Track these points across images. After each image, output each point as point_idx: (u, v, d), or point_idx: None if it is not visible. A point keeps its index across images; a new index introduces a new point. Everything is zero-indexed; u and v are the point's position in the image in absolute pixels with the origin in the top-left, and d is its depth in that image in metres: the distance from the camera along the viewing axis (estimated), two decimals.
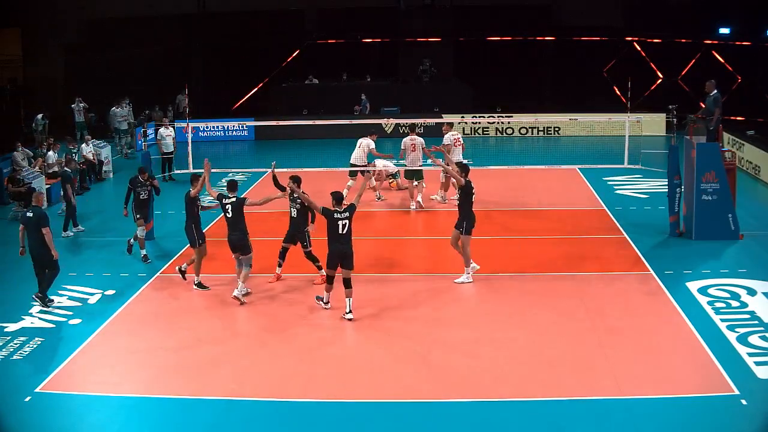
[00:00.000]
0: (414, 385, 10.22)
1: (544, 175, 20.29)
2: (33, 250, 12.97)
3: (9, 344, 11.67)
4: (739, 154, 22.34)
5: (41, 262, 12.97)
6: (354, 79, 33.20)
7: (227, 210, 13.14)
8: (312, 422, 9.46)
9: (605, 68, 32.56)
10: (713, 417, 9.29)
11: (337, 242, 12.19)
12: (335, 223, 12.15)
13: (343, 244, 12.19)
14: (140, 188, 15.64)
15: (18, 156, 20.80)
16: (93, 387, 10.37)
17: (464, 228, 13.60)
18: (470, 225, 13.63)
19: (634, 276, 14.01)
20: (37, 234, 12.85)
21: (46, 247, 12.86)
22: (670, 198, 16.20)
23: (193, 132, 25.29)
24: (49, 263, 12.95)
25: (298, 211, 13.61)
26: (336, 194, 12.37)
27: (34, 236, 12.90)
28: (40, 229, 12.82)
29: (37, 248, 12.91)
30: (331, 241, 12.25)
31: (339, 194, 12.41)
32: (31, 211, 13.04)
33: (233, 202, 13.11)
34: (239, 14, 34.11)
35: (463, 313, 12.54)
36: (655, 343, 11.24)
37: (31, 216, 12.94)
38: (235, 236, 13.10)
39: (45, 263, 12.94)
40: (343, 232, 12.18)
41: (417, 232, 17.80)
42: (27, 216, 13.00)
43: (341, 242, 12.19)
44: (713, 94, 16.41)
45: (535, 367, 10.59)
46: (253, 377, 10.51)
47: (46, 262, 12.93)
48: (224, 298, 13.34)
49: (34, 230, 12.87)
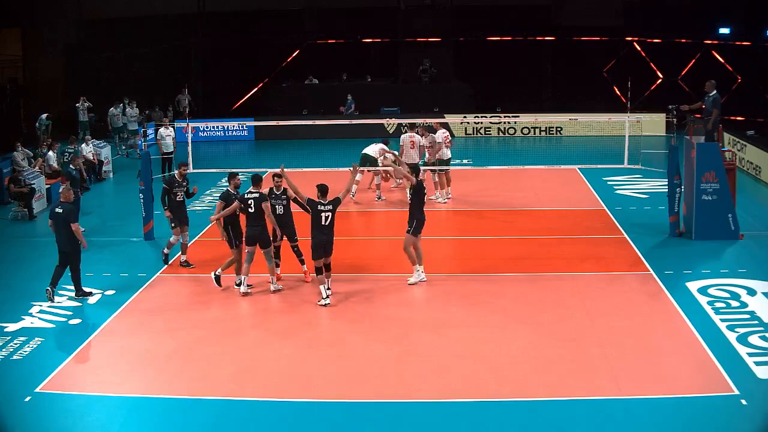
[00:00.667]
0: (414, 385, 10.22)
1: (544, 175, 20.29)
2: (62, 246, 13.13)
3: (9, 344, 11.66)
4: (739, 155, 22.35)
5: (69, 257, 13.15)
6: (354, 79, 33.21)
7: (249, 204, 13.23)
8: (312, 422, 9.45)
9: (605, 68, 32.55)
10: (713, 417, 9.29)
11: (320, 233, 12.67)
12: (318, 215, 12.65)
13: (325, 234, 12.69)
14: (177, 188, 14.72)
15: (18, 156, 20.81)
16: (93, 387, 10.37)
17: (413, 228, 13.47)
18: (420, 225, 13.51)
19: (634, 276, 14.01)
20: (66, 230, 12.99)
21: (75, 242, 13.05)
22: (670, 198, 16.20)
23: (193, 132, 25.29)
24: (74, 260, 13.17)
25: (284, 207, 13.66)
26: (321, 186, 12.78)
27: (62, 232, 13.05)
28: (68, 225, 12.97)
29: (66, 244, 13.09)
30: (314, 232, 12.72)
31: (324, 186, 12.80)
32: (60, 207, 13.15)
33: (256, 198, 13.23)
34: (239, 14, 34.09)
35: (462, 313, 12.53)
36: (655, 343, 11.24)
37: (60, 212, 13.08)
38: (257, 230, 13.24)
39: (72, 259, 13.17)
40: (325, 224, 12.67)
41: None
42: (56, 212, 13.14)
43: (323, 233, 12.68)
44: (713, 94, 16.43)
45: (535, 367, 10.59)
46: (253, 377, 10.51)
47: (72, 258, 13.16)
48: (224, 297, 13.35)
49: (63, 226, 13.02)
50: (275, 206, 13.52)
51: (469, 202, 19.42)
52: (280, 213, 13.59)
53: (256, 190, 13.33)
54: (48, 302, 13.13)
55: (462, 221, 18.03)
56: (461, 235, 16.86)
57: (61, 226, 13.03)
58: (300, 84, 32.87)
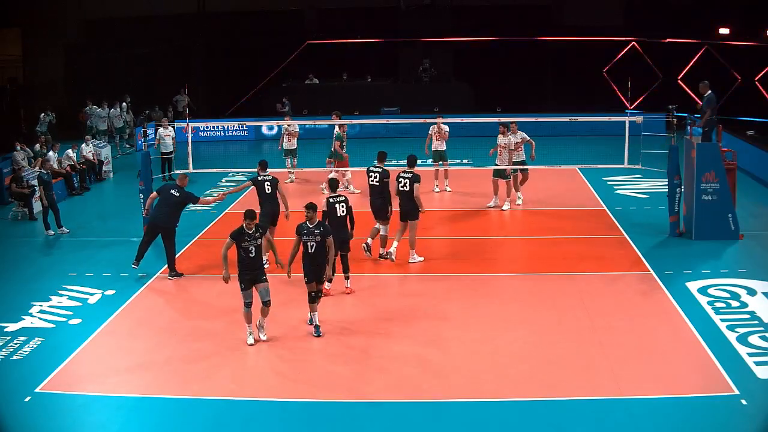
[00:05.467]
0: (414, 385, 10.22)
1: (544, 175, 20.28)
2: (159, 221, 14.17)
3: (9, 344, 11.66)
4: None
5: (165, 232, 14.11)
6: (354, 79, 33.21)
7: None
8: (312, 422, 9.46)
9: (605, 68, 32.54)
10: (713, 417, 9.30)
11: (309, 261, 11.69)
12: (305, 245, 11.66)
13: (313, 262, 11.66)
14: (248, 242, 11.71)
15: (18, 156, 20.81)
16: (93, 387, 10.37)
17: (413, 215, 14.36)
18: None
19: (634, 276, 14.01)
20: (172, 209, 14.04)
21: (173, 221, 14.12)
22: (670, 198, 16.20)
23: (193, 132, 25.26)
24: (168, 236, 14.13)
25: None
26: (309, 205, 11.71)
27: (165, 210, 14.07)
28: (178, 206, 14.09)
29: (164, 220, 14.09)
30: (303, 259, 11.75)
31: (312, 205, 11.72)
32: (177, 191, 14.14)
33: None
34: (239, 14, 34.07)
35: (462, 313, 12.53)
36: (655, 343, 11.24)
37: (177, 195, 14.09)
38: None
39: (165, 235, 14.10)
40: (311, 252, 11.65)
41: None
42: (171, 193, 14.13)
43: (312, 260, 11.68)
44: (707, 95, 16.46)
45: (535, 367, 10.59)
46: (253, 377, 10.51)
47: (166, 234, 14.10)
48: (224, 298, 13.35)
49: (175, 207, 14.07)
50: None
51: (469, 203, 19.42)
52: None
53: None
54: (48, 302, 13.12)
55: (462, 221, 18.01)
56: (461, 235, 16.85)
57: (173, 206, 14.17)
58: (300, 84, 32.86)
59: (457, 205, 19.20)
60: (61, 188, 20.63)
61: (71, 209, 19.38)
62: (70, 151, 22.32)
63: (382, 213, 14.52)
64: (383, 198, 14.44)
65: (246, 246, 11.22)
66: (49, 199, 17.33)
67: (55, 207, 17.54)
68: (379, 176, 14.50)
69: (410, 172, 14.36)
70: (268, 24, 33.61)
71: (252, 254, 11.26)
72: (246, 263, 11.27)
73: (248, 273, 11.30)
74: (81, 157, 22.56)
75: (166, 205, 14.18)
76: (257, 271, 11.36)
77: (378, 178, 14.52)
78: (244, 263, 11.28)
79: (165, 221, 14.18)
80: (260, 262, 11.43)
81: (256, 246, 11.28)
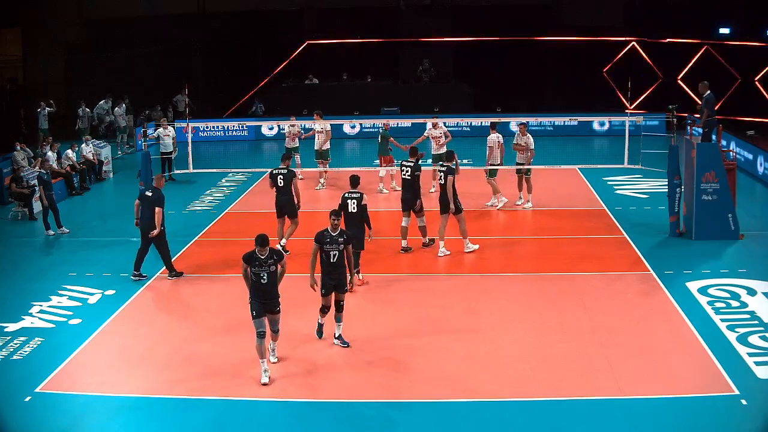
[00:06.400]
0: (414, 385, 10.22)
1: (544, 175, 20.28)
2: (146, 227, 14.10)
3: (9, 344, 11.67)
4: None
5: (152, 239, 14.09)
6: (354, 79, 33.21)
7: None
8: (312, 422, 9.46)
9: (605, 68, 32.54)
10: (713, 417, 9.30)
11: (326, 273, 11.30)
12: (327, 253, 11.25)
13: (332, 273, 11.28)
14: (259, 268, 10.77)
15: (18, 155, 20.81)
16: (93, 387, 10.37)
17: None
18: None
19: (634, 276, 14.01)
20: (151, 212, 13.96)
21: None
22: (670, 198, 16.20)
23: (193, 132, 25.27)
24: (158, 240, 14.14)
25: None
26: (335, 212, 11.39)
27: (147, 215, 14.04)
28: (154, 208, 13.96)
29: (149, 224, 14.03)
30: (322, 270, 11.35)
31: (337, 212, 11.44)
32: (151, 191, 14.18)
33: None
34: (239, 14, 34.07)
35: (462, 313, 12.53)
36: (655, 343, 11.24)
37: (150, 195, 14.08)
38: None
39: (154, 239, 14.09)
40: (333, 261, 11.20)
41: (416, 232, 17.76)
42: (147, 195, 14.15)
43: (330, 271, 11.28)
44: (706, 95, 16.46)
45: (535, 367, 10.59)
46: (253, 377, 10.50)
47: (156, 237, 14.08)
48: (224, 298, 13.35)
49: (148, 208, 14.00)
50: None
51: (469, 204, 19.40)
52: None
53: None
54: (48, 302, 13.14)
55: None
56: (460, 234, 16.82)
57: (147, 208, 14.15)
58: (300, 84, 32.86)
59: None
60: (61, 188, 20.64)
61: (71, 209, 19.40)
62: (69, 151, 22.32)
63: (411, 205, 15.32)
64: (413, 191, 15.20)
65: (257, 272, 10.31)
66: (48, 199, 17.33)
67: (54, 207, 17.55)
68: (411, 170, 15.25)
69: (445, 165, 15.02)
70: (268, 24, 33.60)
71: (264, 280, 10.29)
72: (258, 289, 10.35)
73: (260, 300, 10.36)
74: (81, 157, 22.56)
75: (148, 209, 14.08)
76: (271, 300, 10.41)
77: (410, 172, 15.29)
78: (256, 289, 10.37)
79: (151, 225, 14.01)
80: (274, 291, 10.42)
81: (268, 272, 10.28)
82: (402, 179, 15.58)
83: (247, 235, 16.91)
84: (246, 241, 16.49)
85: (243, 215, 18.75)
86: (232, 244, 16.46)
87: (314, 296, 11.51)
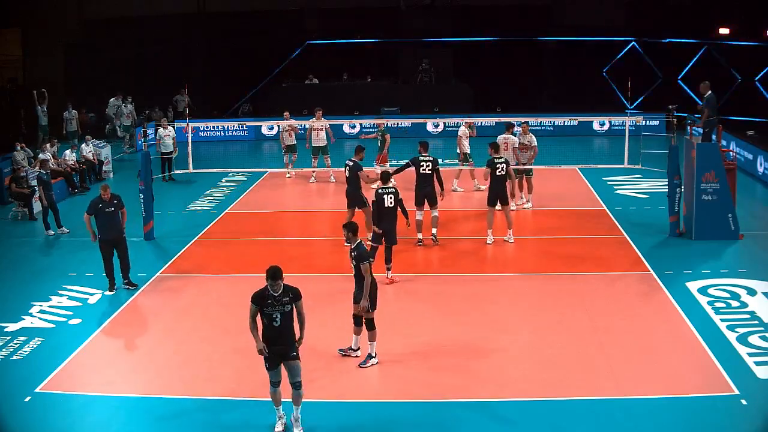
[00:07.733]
0: (414, 385, 10.21)
1: (545, 175, 20.28)
2: (110, 235, 13.76)
3: (9, 344, 11.66)
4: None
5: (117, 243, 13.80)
6: (354, 79, 33.21)
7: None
8: (312, 422, 9.44)
9: (605, 68, 32.55)
10: (713, 417, 9.29)
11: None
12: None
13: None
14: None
15: (18, 155, 20.80)
16: (93, 387, 10.37)
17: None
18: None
19: (634, 276, 14.01)
20: (113, 219, 13.73)
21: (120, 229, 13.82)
22: (670, 198, 16.20)
23: (193, 132, 25.26)
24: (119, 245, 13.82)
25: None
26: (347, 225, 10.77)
27: (108, 223, 13.72)
28: (113, 214, 13.74)
29: (113, 231, 13.74)
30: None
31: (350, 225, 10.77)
32: (106, 205, 13.81)
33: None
34: (239, 14, 34.06)
35: (462, 313, 12.52)
36: (655, 343, 11.24)
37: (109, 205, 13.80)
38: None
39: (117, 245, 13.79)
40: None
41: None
42: (100, 207, 13.77)
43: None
44: (707, 95, 16.46)
45: (535, 367, 10.59)
46: (253, 377, 10.50)
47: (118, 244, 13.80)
48: (224, 298, 13.35)
49: (111, 215, 13.73)
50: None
51: (470, 203, 19.44)
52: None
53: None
54: (48, 302, 13.15)
55: (462, 221, 18.01)
56: (461, 235, 16.85)
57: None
58: (300, 84, 32.86)
59: (458, 206, 19.20)
60: (61, 188, 20.64)
61: (71, 209, 19.36)
62: (68, 151, 22.31)
63: (432, 199, 15.57)
64: (433, 185, 15.47)
65: (269, 312, 8.91)
66: (48, 199, 17.34)
67: (54, 207, 17.55)
68: (431, 164, 15.43)
69: (501, 157, 15.86)
70: (268, 24, 33.61)
71: (277, 323, 8.91)
72: (270, 334, 8.97)
73: (273, 346, 9.00)
74: (81, 157, 22.56)
75: (106, 218, 13.70)
76: (286, 345, 9.02)
77: (430, 166, 15.44)
78: (267, 334, 8.99)
79: (117, 231, 13.77)
80: (289, 334, 9.06)
81: (282, 312, 8.92)
82: (421, 174, 15.53)
83: (247, 235, 17.03)
84: (246, 241, 16.62)
85: (243, 215, 18.75)
86: (232, 244, 16.48)
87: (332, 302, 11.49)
